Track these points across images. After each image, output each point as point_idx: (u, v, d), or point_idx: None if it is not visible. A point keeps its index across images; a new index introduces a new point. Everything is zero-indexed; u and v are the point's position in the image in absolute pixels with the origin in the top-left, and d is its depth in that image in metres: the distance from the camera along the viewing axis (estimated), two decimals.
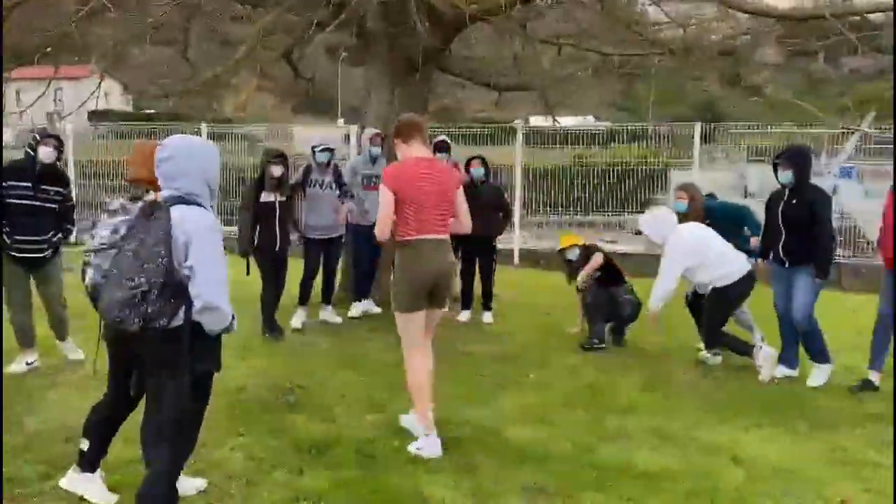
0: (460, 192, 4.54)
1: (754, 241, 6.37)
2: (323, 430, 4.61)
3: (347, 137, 12.41)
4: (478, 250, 7.59)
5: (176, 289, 2.90)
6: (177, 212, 2.95)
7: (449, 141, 7.90)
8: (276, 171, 6.74)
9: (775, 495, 3.89)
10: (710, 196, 7.05)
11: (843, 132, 12.74)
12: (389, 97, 7.55)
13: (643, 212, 6.84)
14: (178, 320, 2.93)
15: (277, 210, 6.81)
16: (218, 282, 2.97)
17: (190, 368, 2.96)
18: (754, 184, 13.42)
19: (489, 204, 7.45)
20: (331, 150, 7.29)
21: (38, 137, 5.51)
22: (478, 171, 7.49)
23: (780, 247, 5.84)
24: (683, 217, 6.46)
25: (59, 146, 5.61)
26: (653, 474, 4.10)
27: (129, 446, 3.76)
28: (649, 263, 11.85)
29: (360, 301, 7.70)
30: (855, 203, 12.25)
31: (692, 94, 44.38)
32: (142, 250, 2.88)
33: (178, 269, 2.91)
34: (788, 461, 4.32)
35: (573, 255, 7.13)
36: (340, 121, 39.04)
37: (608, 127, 16.75)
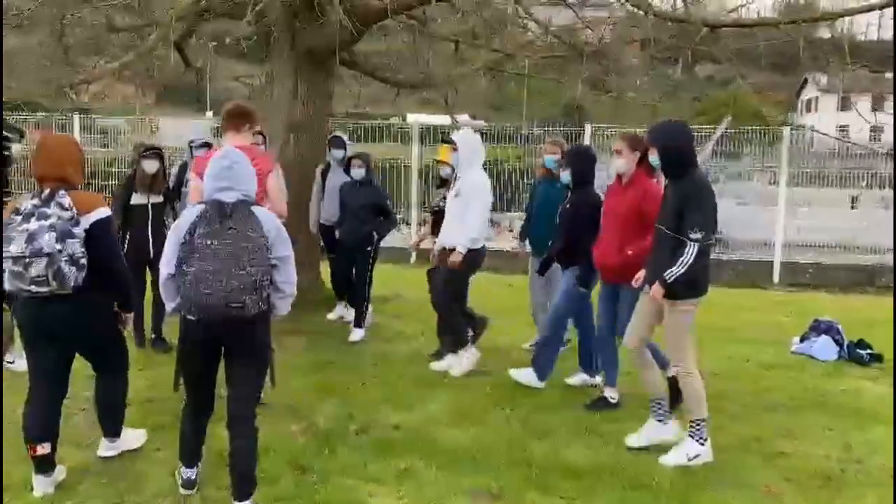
0: (271, 177, 4.73)
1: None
2: None
3: (217, 131, 11.93)
4: (351, 254, 7.00)
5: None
6: (256, 212, 3.39)
7: (344, 137, 7.40)
8: (151, 167, 6.01)
9: (706, 485, 4.02)
10: None
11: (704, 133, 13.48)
12: (293, 91, 7.28)
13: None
14: (265, 305, 3.38)
15: (150, 213, 6.10)
16: None
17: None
18: None
19: (365, 206, 6.86)
20: (209, 146, 6.32)
21: None
22: (358, 171, 6.84)
23: (552, 245, 5.64)
24: (549, 173, 6.15)
25: None
26: (589, 471, 4.15)
27: None
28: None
29: None
30: None
31: (560, 95, 45.77)
32: (241, 244, 3.24)
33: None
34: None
35: (446, 173, 6.31)
36: (209, 113, 37.53)
37: (482, 126, 16.93)
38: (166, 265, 3.36)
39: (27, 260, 3.35)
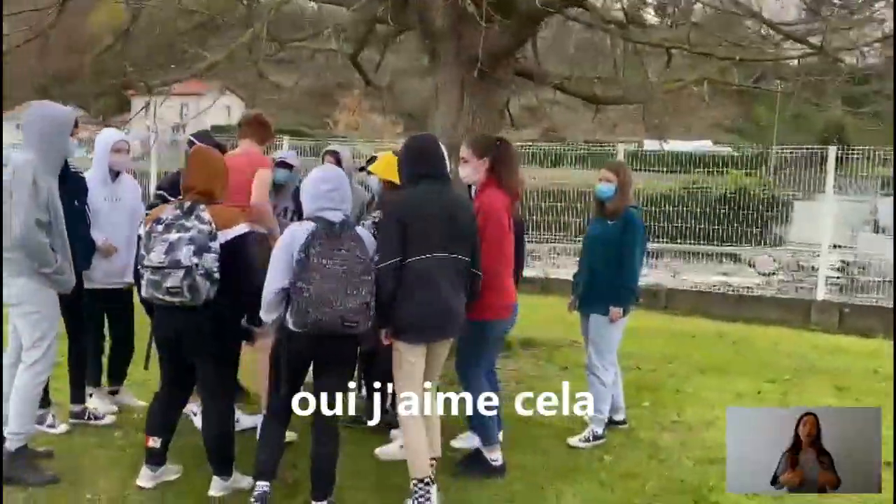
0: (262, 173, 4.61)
1: (615, 313, 4.82)
2: None
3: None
4: None
5: None
6: (360, 232, 3.54)
7: (291, 157, 5.54)
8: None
9: None
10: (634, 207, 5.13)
11: None
12: (458, 104, 6.37)
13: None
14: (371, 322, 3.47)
15: None
16: None
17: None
18: (886, 218, 11.92)
19: None
20: (289, 167, 5.29)
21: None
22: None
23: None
24: (602, 206, 4.95)
25: None
26: None
27: None
28: (768, 306, 10.30)
29: None
30: None
31: (816, 119, 40.96)
32: (353, 264, 3.36)
33: None
34: None
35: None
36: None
37: (726, 152, 15.31)
38: (276, 280, 3.40)
39: (165, 270, 3.48)
